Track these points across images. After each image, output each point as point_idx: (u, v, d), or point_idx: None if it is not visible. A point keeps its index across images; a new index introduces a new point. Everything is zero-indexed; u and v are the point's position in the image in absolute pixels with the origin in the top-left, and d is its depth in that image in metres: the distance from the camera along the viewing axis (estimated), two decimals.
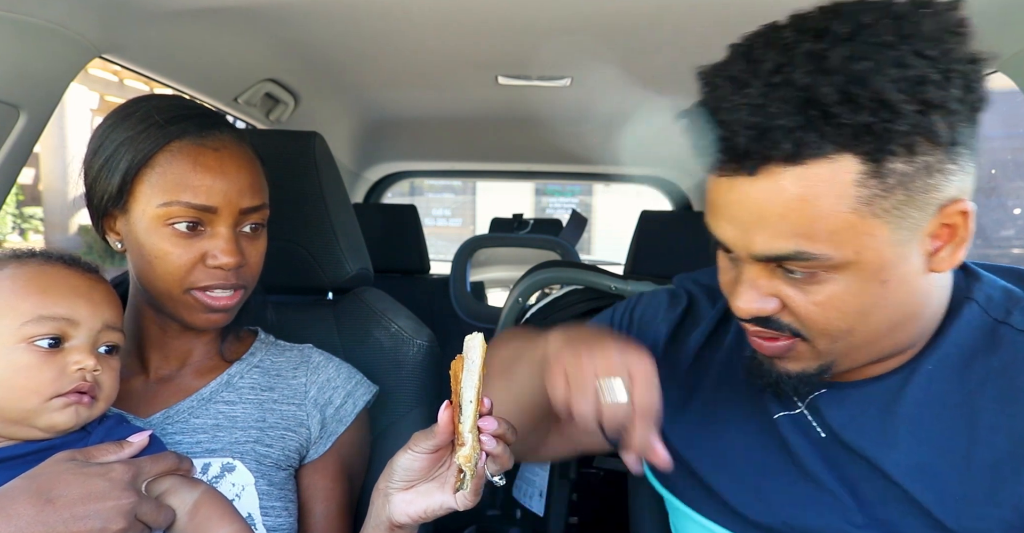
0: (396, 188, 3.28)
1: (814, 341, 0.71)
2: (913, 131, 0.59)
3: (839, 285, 0.66)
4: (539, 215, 4.74)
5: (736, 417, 0.85)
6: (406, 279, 2.64)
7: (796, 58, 0.61)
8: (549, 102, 1.91)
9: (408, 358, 1.15)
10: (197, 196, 0.86)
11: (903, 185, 0.61)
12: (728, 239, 0.69)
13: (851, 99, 0.59)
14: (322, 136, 1.18)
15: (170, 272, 0.88)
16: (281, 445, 0.94)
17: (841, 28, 0.61)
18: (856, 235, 0.63)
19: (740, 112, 0.62)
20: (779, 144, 0.60)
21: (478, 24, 1.29)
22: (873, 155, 0.60)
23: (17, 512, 0.68)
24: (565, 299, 1.50)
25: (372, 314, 1.18)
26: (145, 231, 0.88)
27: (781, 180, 0.62)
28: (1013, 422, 0.69)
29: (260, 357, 1.02)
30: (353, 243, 1.20)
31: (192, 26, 1.20)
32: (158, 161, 0.87)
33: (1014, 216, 4.95)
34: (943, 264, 0.67)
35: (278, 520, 0.90)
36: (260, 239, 0.95)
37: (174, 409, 0.93)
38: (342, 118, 2.17)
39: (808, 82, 0.59)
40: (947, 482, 0.71)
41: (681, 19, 1.21)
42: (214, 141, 0.89)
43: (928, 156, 0.61)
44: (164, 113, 0.89)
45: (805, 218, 0.63)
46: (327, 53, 1.51)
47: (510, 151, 2.80)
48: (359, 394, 1.03)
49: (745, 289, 0.70)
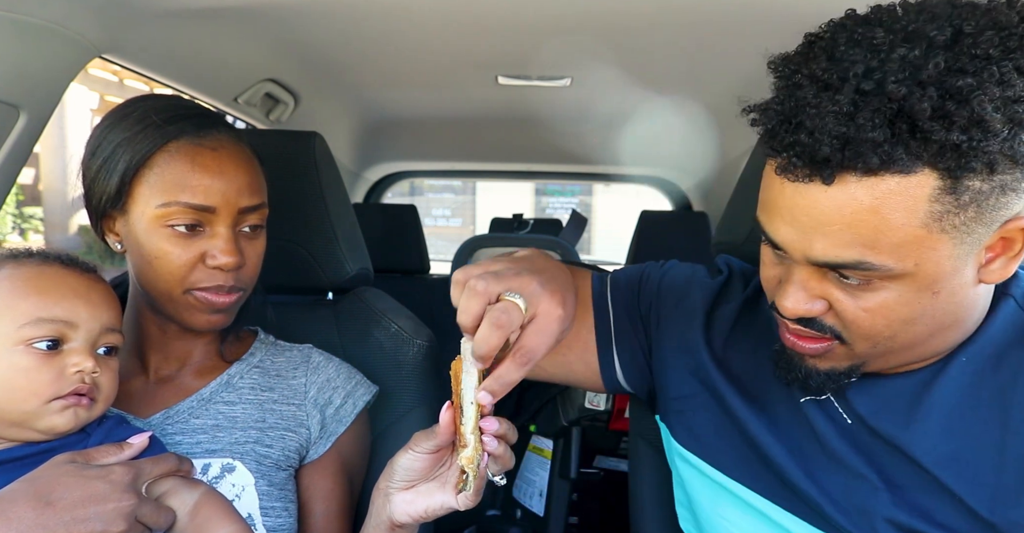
0: (396, 188, 3.28)
1: (853, 344, 0.70)
2: (999, 151, 0.57)
3: (891, 293, 0.64)
4: (539, 215, 4.74)
5: (766, 399, 0.84)
6: (406, 279, 2.64)
7: (889, 64, 0.57)
8: (549, 102, 1.91)
9: (408, 358, 1.15)
10: (195, 196, 0.86)
11: (976, 203, 0.59)
12: (785, 241, 0.67)
13: (946, 116, 0.56)
14: (322, 136, 1.18)
15: (170, 272, 0.88)
16: (281, 445, 0.94)
17: (939, 35, 0.57)
18: (920, 249, 0.61)
19: (826, 119, 0.58)
20: (864, 157, 0.58)
21: (478, 24, 1.29)
22: (954, 172, 0.58)
23: (17, 515, 0.67)
24: None
25: (372, 314, 1.18)
26: (144, 232, 0.87)
27: (854, 190, 0.60)
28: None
29: (260, 357, 1.02)
30: (353, 243, 1.20)
31: (192, 26, 1.20)
32: (156, 162, 0.87)
33: None
34: (993, 276, 0.66)
35: (278, 520, 0.90)
36: (259, 239, 0.95)
37: (174, 409, 0.93)
38: (342, 118, 2.17)
39: (903, 94, 0.56)
40: (980, 472, 0.71)
41: (681, 19, 1.21)
42: (212, 141, 0.89)
43: (1006, 175, 0.59)
44: (162, 113, 0.88)
45: (872, 229, 0.61)
46: (327, 53, 1.51)
47: (510, 151, 2.80)
48: (359, 394, 1.03)
49: (795, 290, 0.68)
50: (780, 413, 0.83)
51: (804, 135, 0.60)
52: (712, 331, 0.90)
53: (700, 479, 0.90)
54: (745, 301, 0.91)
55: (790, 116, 0.61)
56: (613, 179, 3.37)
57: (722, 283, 0.94)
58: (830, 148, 0.59)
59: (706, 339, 0.90)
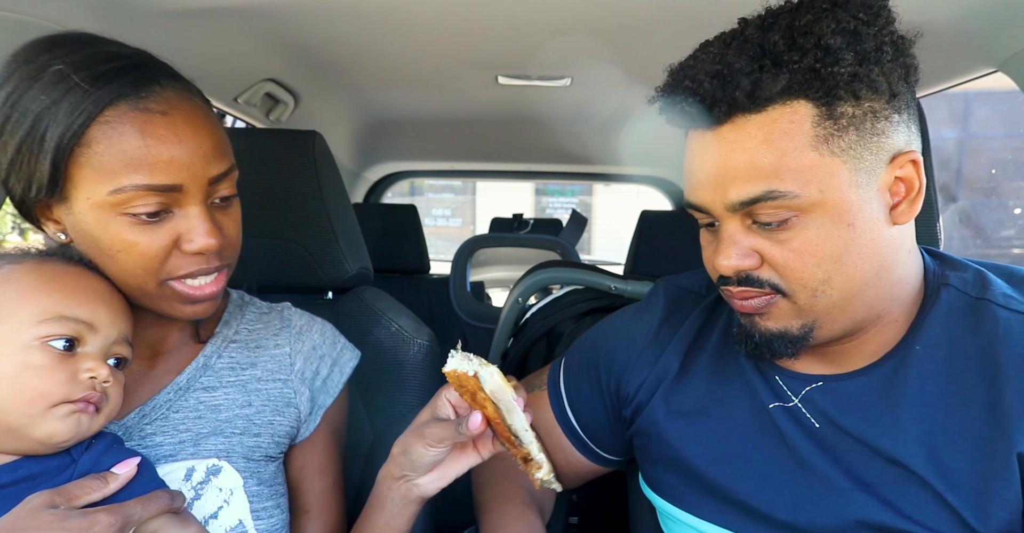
0: (396, 188, 3.28)
1: (794, 295, 0.74)
2: (854, 77, 0.67)
3: (810, 230, 0.71)
4: (539, 215, 4.73)
5: (732, 409, 0.86)
6: (406, 279, 2.64)
7: (747, 28, 0.72)
8: (549, 102, 1.91)
9: (408, 358, 1.15)
10: (155, 175, 0.71)
11: (854, 126, 0.69)
12: (705, 199, 0.75)
13: (798, 47, 0.67)
14: (322, 136, 1.18)
15: (140, 265, 0.75)
16: (270, 432, 0.88)
17: (780, 8, 0.72)
18: (819, 173, 0.69)
19: (703, 65, 0.71)
20: (739, 85, 0.68)
21: (478, 24, 1.29)
22: (823, 99, 0.68)
23: None
24: (565, 299, 1.50)
25: (372, 313, 1.18)
26: (97, 223, 0.73)
27: (746, 128, 0.70)
28: (1000, 397, 0.72)
29: (235, 327, 0.92)
30: (352, 242, 1.20)
31: (192, 26, 1.20)
32: (93, 137, 0.70)
33: (1014, 216, 4.95)
34: (903, 216, 0.74)
35: (271, 521, 0.86)
36: (234, 207, 0.82)
37: (149, 405, 0.83)
38: (342, 118, 2.17)
39: (759, 37, 0.69)
40: (950, 458, 0.73)
41: (681, 19, 1.21)
42: (159, 102, 0.73)
43: (872, 103, 0.69)
44: (83, 70, 0.70)
45: (771, 159, 0.69)
46: (327, 53, 1.51)
47: (510, 151, 2.80)
48: (345, 360, 0.97)
49: (725, 246, 0.74)
50: (747, 423, 0.84)
51: (688, 81, 0.72)
52: (665, 368, 0.92)
53: (669, 523, 0.94)
54: (705, 316, 0.93)
55: (676, 78, 0.74)
56: (613, 179, 3.38)
57: (661, 315, 0.96)
58: (710, 85, 0.70)
59: (657, 374, 0.92)
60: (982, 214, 4.63)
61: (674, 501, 0.90)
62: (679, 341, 0.92)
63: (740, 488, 0.83)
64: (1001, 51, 1.14)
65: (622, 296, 1.46)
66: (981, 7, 1.06)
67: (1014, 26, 1.07)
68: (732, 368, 0.87)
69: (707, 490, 0.86)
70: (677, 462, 0.88)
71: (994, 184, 5.09)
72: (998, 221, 4.86)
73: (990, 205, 4.91)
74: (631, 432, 0.96)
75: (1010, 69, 1.14)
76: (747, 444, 0.84)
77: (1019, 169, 5.11)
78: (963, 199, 4.65)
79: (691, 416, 0.88)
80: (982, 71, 1.26)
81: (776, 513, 0.80)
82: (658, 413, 0.90)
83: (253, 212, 1.15)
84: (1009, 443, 0.71)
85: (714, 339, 0.91)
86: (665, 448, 0.89)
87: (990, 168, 5.12)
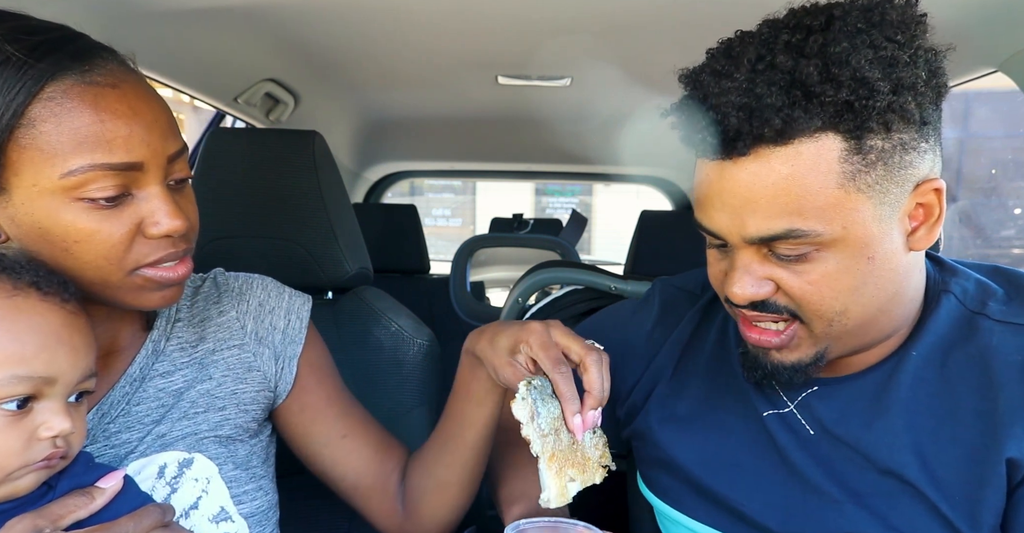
0: (396, 188, 3.28)
1: (811, 323, 0.72)
2: (888, 109, 0.64)
3: (830, 263, 0.68)
4: (539, 215, 4.74)
5: (726, 417, 0.85)
6: (406, 279, 2.64)
7: (776, 47, 0.66)
8: (549, 102, 1.91)
9: (408, 357, 1.15)
10: (113, 153, 0.65)
11: (882, 161, 0.66)
12: (721, 227, 0.71)
13: (832, 78, 0.63)
14: (322, 135, 1.19)
15: (102, 255, 0.68)
16: (235, 402, 0.83)
17: (813, 21, 0.66)
18: (843, 210, 0.66)
19: (729, 95, 0.65)
20: (769, 121, 0.64)
21: (478, 24, 1.29)
22: (854, 132, 0.64)
23: None
24: (565, 299, 1.50)
25: (372, 313, 1.18)
26: (46, 212, 0.66)
27: (770, 161, 0.66)
28: (993, 406, 0.72)
29: (175, 306, 0.86)
30: (352, 242, 1.20)
31: (192, 26, 1.20)
32: (35, 115, 0.64)
33: (1014, 216, 4.95)
34: (920, 243, 0.71)
35: (254, 503, 0.82)
36: (188, 190, 0.77)
37: (107, 403, 0.77)
38: (342, 118, 2.17)
39: (791, 65, 0.64)
40: (942, 468, 0.73)
41: (681, 19, 1.21)
42: (106, 75, 0.67)
43: (903, 134, 0.66)
44: (14, 42, 0.64)
45: (795, 196, 0.66)
46: (327, 53, 1.51)
47: (510, 151, 2.80)
48: (298, 306, 0.92)
49: (740, 275, 0.71)
50: (740, 430, 0.84)
51: (712, 113, 0.66)
52: (660, 368, 0.92)
53: (666, 523, 0.93)
54: (699, 318, 0.92)
55: (699, 103, 0.68)
56: (613, 179, 3.38)
57: (656, 314, 0.95)
58: (737, 119, 0.65)
59: (652, 375, 0.92)
60: (982, 214, 4.63)
61: (670, 502, 0.90)
62: (673, 343, 0.92)
63: (732, 496, 0.82)
64: (1001, 51, 1.14)
65: (622, 296, 1.46)
66: (981, 7, 1.06)
67: (1014, 26, 1.07)
68: (727, 373, 0.87)
69: (702, 494, 0.85)
70: (672, 466, 0.88)
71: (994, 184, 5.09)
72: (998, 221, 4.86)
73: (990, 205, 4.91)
74: (627, 434, 0.96)
75: (1010, 69, 1.14)
76: (740, 453, 0.83)
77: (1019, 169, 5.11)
78: (963, 199, 4.65)
79: (685, 422, 0.88)
80: (982, 71, 1.26)
81: (767, 522, 0.80)
82: (652, 417, 0.90)
83: (253, 212, 1.16)
84: (999, 449, 0.70)
85: (710, 341, 0.90)
86: (659, 452, 0.89)
87: (990, 168, 5.12)
